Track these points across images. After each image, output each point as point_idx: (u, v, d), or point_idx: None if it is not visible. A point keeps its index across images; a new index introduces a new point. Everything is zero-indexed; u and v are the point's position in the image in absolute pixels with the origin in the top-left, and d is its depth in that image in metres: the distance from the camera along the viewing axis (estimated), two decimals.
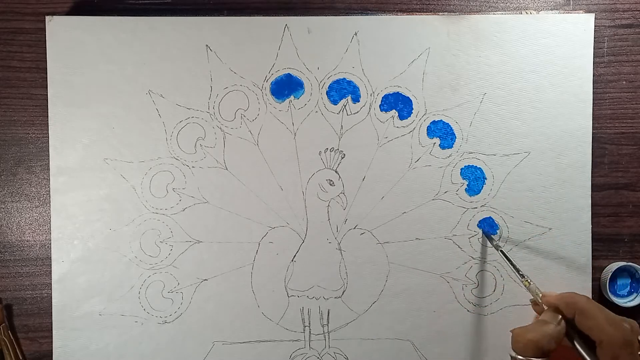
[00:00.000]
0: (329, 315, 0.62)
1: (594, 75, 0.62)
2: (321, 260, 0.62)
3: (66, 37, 0.60)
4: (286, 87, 0.61)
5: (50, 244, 0.60)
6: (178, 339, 0.61)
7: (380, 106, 0.62)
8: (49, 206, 0.61)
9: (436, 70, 0.62)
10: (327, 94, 0.62)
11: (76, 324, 0.60)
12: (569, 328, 0.50)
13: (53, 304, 0.60)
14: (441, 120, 0.62)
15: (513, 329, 0.51)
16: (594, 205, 0.62)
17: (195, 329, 0.61)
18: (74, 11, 0.62)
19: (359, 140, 0.62)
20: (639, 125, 0.63)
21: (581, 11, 0.63)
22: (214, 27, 0.61)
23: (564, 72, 0.62)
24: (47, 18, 0.60)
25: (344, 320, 0.62)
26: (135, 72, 0.61)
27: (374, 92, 0.62)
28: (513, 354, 0.50)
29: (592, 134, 0.62)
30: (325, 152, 0.61)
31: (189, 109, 0.61)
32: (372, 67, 0.61)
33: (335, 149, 0.62)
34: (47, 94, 0.60)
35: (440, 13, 0.62)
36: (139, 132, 0.61)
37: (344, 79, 0.62)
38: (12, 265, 0.62)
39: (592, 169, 0.62)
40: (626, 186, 0.63)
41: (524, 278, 0.55)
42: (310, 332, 0.62)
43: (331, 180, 0.61)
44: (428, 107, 0.62)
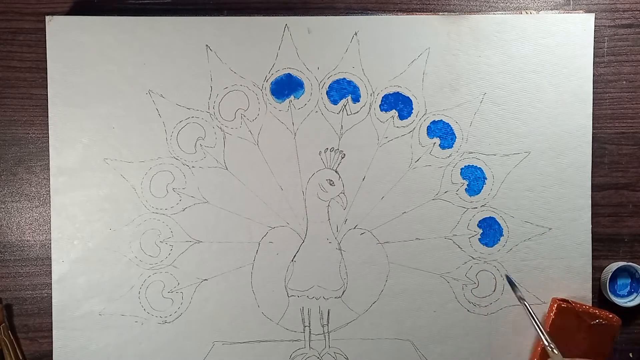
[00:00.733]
0: (329, 315, 0.62)
1: (594, 75, 0.62)
2: (321, 260, 0.62)
3: (66, 37, 0.60)
4: (286, 87, 0.61)
5: (50, 244, 0.60)
6: (178, 339, 0.61)
7: (380, 106, 0.62)
8: (49, 206, 0.61)
9: (436, 70, 0.62)
10: (327, 93, 0.62)
11: (76, 324, 0.60)
12: None
13: (53, 304, 0.60)
14: (441, 120, 0.62)
15: None
16: (594, 205, 0.62)
17: (195, 329, 0.61)
18: (74, 11, 0.62)
19: (359, 140, 0.62)
20: (639, 125, 0.63)
21: (581, 11, 0.63)
22: (214, 27, 0.61)
23: (564, 72, 0.62)
24: (47, 18, 0.60)
25: (344, 320, 0.62)
26: (135, 72, 0.61)
27: (374, 92, 0.62)
28: None
29: (592, 134, 0.62)
30: (325, 152, 0.61)
31: (189, 109, 0.61)
32: (372, 67, 0.61)
33: (335, 149, 0.62)
34: (47, 94, 0.60)
35: (440, 13, 0.62)
36: (139, 132, 0.61)
37: (344, 78, 0.62)
38: (12, 265, 0.62)
39: (592, 169, 0.62)
40: (626, 186, 0.63)
41: (549, 344, 0.54)
42: (310, 332, 0.62)
43: (331, 180, 0.61)
44: (428, 107, 0.62)
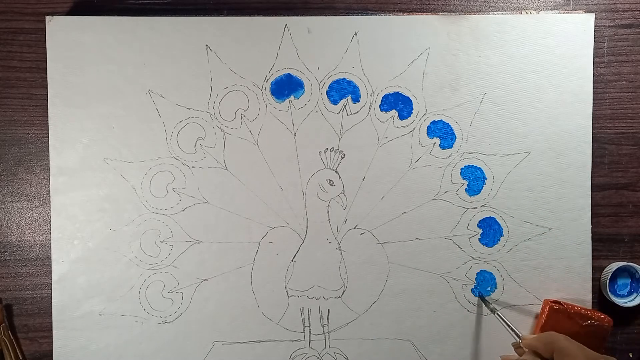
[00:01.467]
0: (329, 315, 0.62)
1: (594, 75, 0.62)
2: (321, 260, 0.62)
3: (66, 37, 0.60)
4: (286, 87, 0.61)
5: (50, 244, 0.60)
6: (178, 339, 0.61)
7: (380, 106, 0.62)
8: (49, 206, 0.61)
9: (436, 70, 0.62)
10: (327, 94, 0.62)
11: (76, 324, 0.60)
12: None
13: (53, 304, 0.60)
14: (441, 120, 0.62)
15: None
16: (594, 205, 0.62)
17: (195, 329, 0.61)
18: (74, 11, 0.62)
19: (359, 140, 0.62)
20: (639, 125, 0.63)
21: (581, 11, 0.63)
22: (214, 27, 0.61)
23: (564, 72, 0.62)
24: (47, 18, 0.60)
25: (344, 320, 0.62)
26: (135, 72, 0.61)
27: (374, 92, 0.62)
28: None
29: (592, 134, 0.62)
30: (325, 152, 0.61)
31: (189, 109, 0.61)
32: (372, 67, 0.61)
33: (335, 149, 0.62)
34: (47, 94, 0.60)
35: (440, 13, 0.62)
36: (139, 132, 0.61)
37: (344, 79, 0.62)
38: (12, 265, 0.62)
39: (592, 169, 0.62)
40: (626, 186, 0.63)
41: (518, 338, 0.55)
42: (310, 332, 0.62)
43: (331, 180, 0.61)
44: (428, 107, 0.62)
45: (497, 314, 0.58)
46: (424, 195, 0.62)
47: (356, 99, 0.62)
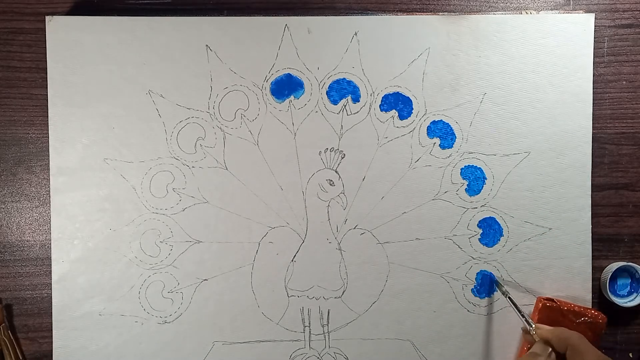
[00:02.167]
0: (329, 315, 0.62)
1: (594, 75, 0.62)
2: (321, 260, 0.62)
3: (66, 37, 0.60)
4: (286, 87, 0.61)
5: (50, 244, 0.60)
6: (178, 339, 0.61)
7: (380, 106, 0.62)
8: (49, 206, 0.61)
9: (436, 70, 0.62)
10: (327, 94, 0.62)
11: (76, 324, 0.60)
12: None
13: (53, 304, 0.60)
14: (441, 120, 0.62)
15: None
16: (594, 205, 0.62)
17: (195, 329, 0.61)
18: (74, 11, 0.62)
19: (359, 140, 0.62)
20: (639, 125, 0.63)
21: (581, 11, 0.63)
22: (214, 27, 0.61)
23: (564, 72, 0.62)
24: (47, 18, 0.60)
25: (344, 320, 0.62)
26: (135, 72, 0.61)
27: (374, 92, 0.62)
28: None
29: (592, 134, 0.62)
30: (325, 152, 0.61)
31: (189, 109, 0.61)
32: (372, 67, 0.61)
33: (335, 149, 0.62)
34: (47, 94, 0.60)
35: (440, 13, 0.62)
36: (139, 132, 0.61)
37: (344, 79, 0.62)
38: (12, 265, 0.62)
39: (592, 169, 0.62)
40: (626, 186, 0.63)
41: (530, 326, 0.56)
42: (310, 332, 0.62)
43: (331, 180, 0.61)
44: (428, 107, 0.62)
45: (509, 297, 0.59)
46: (424, 195, 0.62)
47: (356, 99, 0.62)
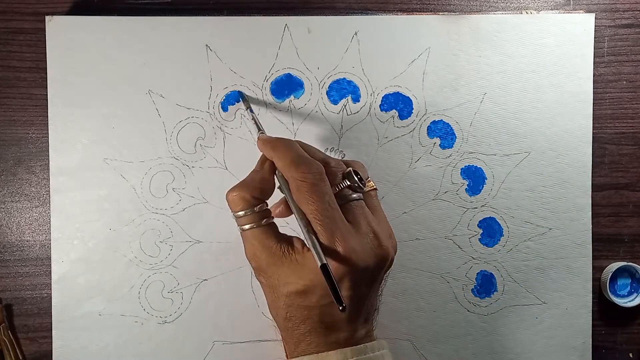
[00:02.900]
0: None
1: (594, 75, 0.62)
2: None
3: (66, 37, 0.60)
4: (286, 87, 0.61)
5: (50, 244, 0.60)
6: (178, 339, 0.61)
7: (380, 106, 0.62)
8: (49, 206, 0.60)
9: (436, 70, 0.62)
10: (327, 93, 0.62)
11: (76, 324, 0.60)
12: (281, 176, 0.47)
13: (53, 304, 0.60)
14: (441, 120, 0.62)
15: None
16: (594, 205, 0.62)
17: (195, 329, 0.61)
18: (74, 11, 0.62)
19: (359, 140, 0.62)
20: (639, 125, 0.63)
21: (581, 11, 0.63)
22: (214, 27, 0.61)
23: (564, 72, 0.62)
24: (47, 18, 0.60)
25: None
26: (135, 72, 0.61)
27: (374, 92, 0.62)
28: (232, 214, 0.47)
29: (592, 134, 0.62)
30: (325, 152, 0.61)
31: (189, 109, 0.61)
32: (372, 66, 0.61)
33: (335, 149, 0.62)
34: (47, 94, 0.60)
35: (440, 13, 0.62)
36: (139, 132, 0.61)
37: (344, 78, 0.62)
38: (12, 265, 0.62)
39: (592, 169, 0.62)
40: (626, 186, 0.63)
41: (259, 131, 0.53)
42: None
43: None
44: (428, 107, 0.62)
45: (250, 110, 0.57)
46: (424, 195, 0.62)
47: (356, 99, 0.62)
